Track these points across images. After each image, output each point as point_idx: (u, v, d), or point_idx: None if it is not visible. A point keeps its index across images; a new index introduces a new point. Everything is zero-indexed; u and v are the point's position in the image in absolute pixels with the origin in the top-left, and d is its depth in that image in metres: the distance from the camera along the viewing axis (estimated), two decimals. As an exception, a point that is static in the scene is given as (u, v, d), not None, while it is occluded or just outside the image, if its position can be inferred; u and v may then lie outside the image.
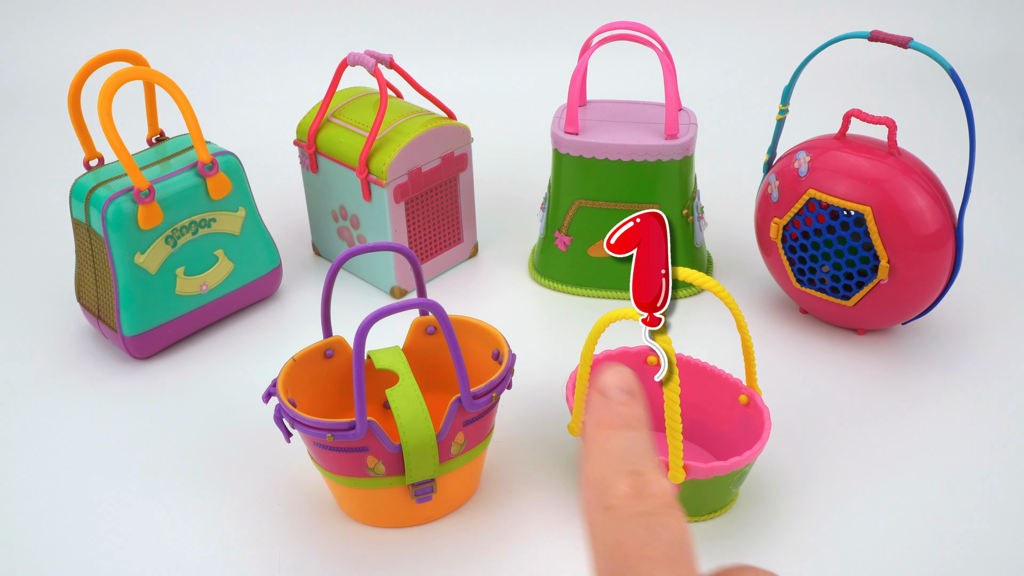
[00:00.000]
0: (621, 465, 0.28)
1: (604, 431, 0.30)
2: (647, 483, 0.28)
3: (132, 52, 0.82)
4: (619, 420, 0.30)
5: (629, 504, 0.27)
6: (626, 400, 0.30)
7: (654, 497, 0.27)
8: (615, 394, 0.30)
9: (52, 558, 0.65)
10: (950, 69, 0.74)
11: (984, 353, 0.82)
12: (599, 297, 0.92)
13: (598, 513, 0.28)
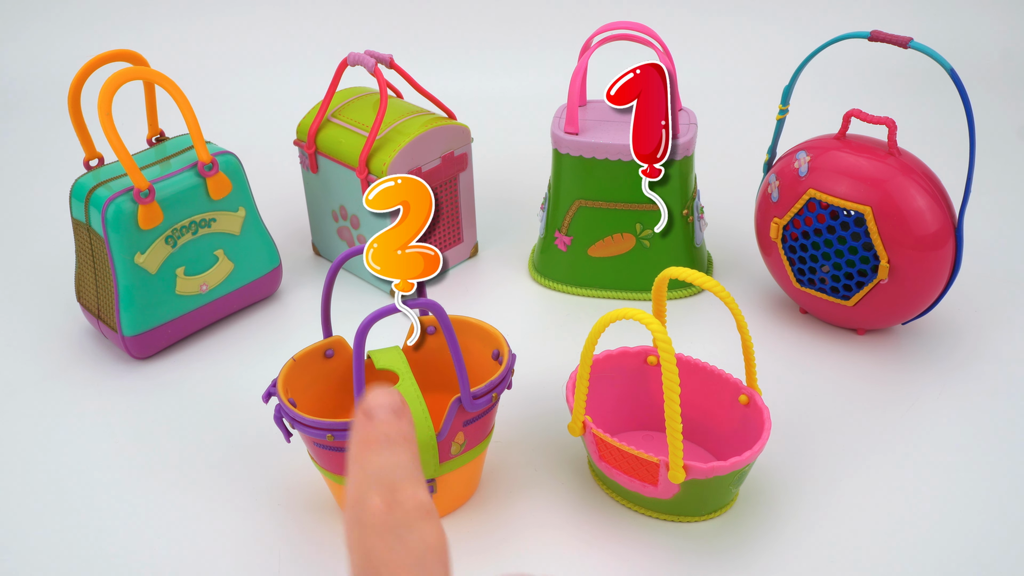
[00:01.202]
0: (379, 481, 0.29)
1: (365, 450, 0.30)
2: (400, 496, 0.29)
3: (132, 52, 0.82)
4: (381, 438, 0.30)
5: (380, 517, 0.28)
6: (389, 419, 0.31)
7: (405, 509, 0.28)
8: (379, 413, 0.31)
9: (52, 558, 0.65)
10: (950, 69, 0.74)
11: (984, 353, 0.82)
12: (599, 297, 0.92)
13: (354, 529, 0.28)
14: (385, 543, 0.27)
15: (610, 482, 0.68)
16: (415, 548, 0.28)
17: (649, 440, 0.73)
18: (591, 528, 0.67)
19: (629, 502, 0.68)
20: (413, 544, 0.28)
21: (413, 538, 0.28)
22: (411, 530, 0.28)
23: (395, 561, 0.27)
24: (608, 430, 0.71)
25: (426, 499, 0.29)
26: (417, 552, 0.27)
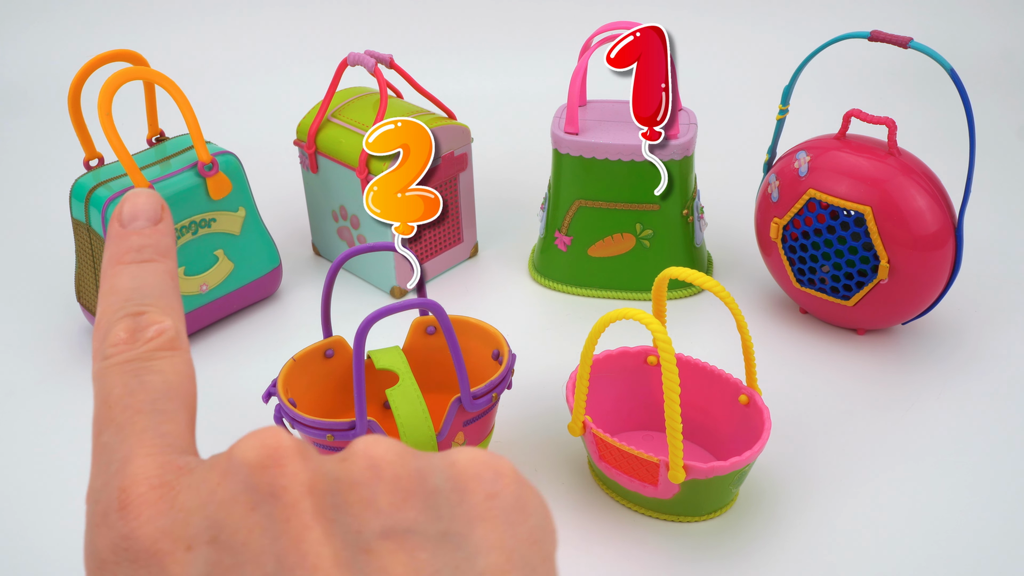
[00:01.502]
0: (123, 307, 0.26)
1: (114, 268, 0.27)
2: (145, 324, 0.26)
3: (132, 52, 0.82)
4: (132, 253, 0.27)
5: (125, 350, 0.25)
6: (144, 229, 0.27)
7: (148, 340, 0.25)
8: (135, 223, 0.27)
9: (52, 558, 0.65)
10: (950, 69, 0.74)
11: (984, 353, 0.82)
12: (599, 297, 0.92)
13: (97, 363, 0.26)
14: (122, 381, 0.25)
15: (610, 482, 0.68)
16: (153, 387, 0.25)
17: (649, 440, 0.73)
18: (591, 528, 0.67)
19: (629, 502, 0.68)
20: (151, 382, 0.25)
21: (151, 376, 0.25)
22: (150, 366, 0.25)
23: (130, 402, 0.24)
24: (608, 430, 0.71)
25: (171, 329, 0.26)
26: (155, 391, 0.25)
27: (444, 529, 0.23)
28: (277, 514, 0.22)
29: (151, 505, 0.23)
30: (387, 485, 0.23)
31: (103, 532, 0.23)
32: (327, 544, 0.22)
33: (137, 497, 0.23)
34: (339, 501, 0.23)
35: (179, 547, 0.22)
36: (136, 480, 0.23)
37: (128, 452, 0.24)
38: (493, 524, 0.23)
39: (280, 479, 0.22)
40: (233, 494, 0.22)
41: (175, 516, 0.22)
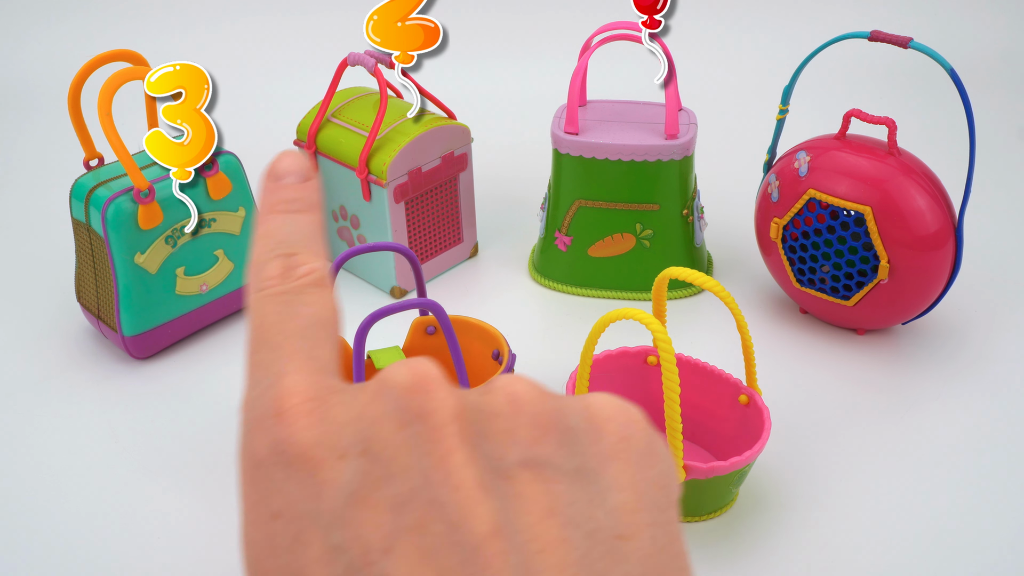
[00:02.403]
0: (277, 248, 0.29)
1: (269, 215, 0.30)
2: (297, 263, 0.28)
3: (132, 52, 0.82)
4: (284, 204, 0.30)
5: (276, 284, 0.28)
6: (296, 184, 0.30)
7: (299, 277, 0.28)
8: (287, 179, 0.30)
9: (52, 558, 0.65)
10: (950, 69, 0.74)
11: (984, 353, 0.82)
12: (599, 297, 0.92)
13: (252, 295, 0.28)
14: (276, 309, 0.27)
15: (610, 482, 0.68)
16: (304, 316, 0.27)
17: (649, 440, 0.73)
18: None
19: (629, 502, 0.68)
20: (303, 312, 0.27)
21: (303, 307, 0.27)
22: (302, 299, 0.27)
23: (284, 327, 0.27)
24: (608, 430, 0.71)
25: (321, 269, 0.28)
26: (306, 320, 0.27)
27: (578, 465, 0.24)
28: (424, 434, 0.23)
29: (306, 415, 0.24)
30: (527, 419, 0.24)
31: (260, 435, 0.24)
32: (470, 466, 0.23)
33: (292, 407, 0.24)
34: (481, 429, 0.24)
35: (331, 455, 0.23)
36: (291, 392, 0.25)
37: (281, 369, 0.25)
38: (625, 464, 0.24)
39: (429, 402, 0.24)
40: (383, 412, 0.24)
41: (328, 428, 0.24)
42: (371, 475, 0.23)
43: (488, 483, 0.23)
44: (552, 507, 0.23)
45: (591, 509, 0.23)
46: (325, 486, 0.23)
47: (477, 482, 0.23)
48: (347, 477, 0.23)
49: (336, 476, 0.23)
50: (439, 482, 0.23)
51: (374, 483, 0.23)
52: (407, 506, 0.23)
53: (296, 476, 0.24)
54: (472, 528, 0.22)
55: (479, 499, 0.22)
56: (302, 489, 0.23)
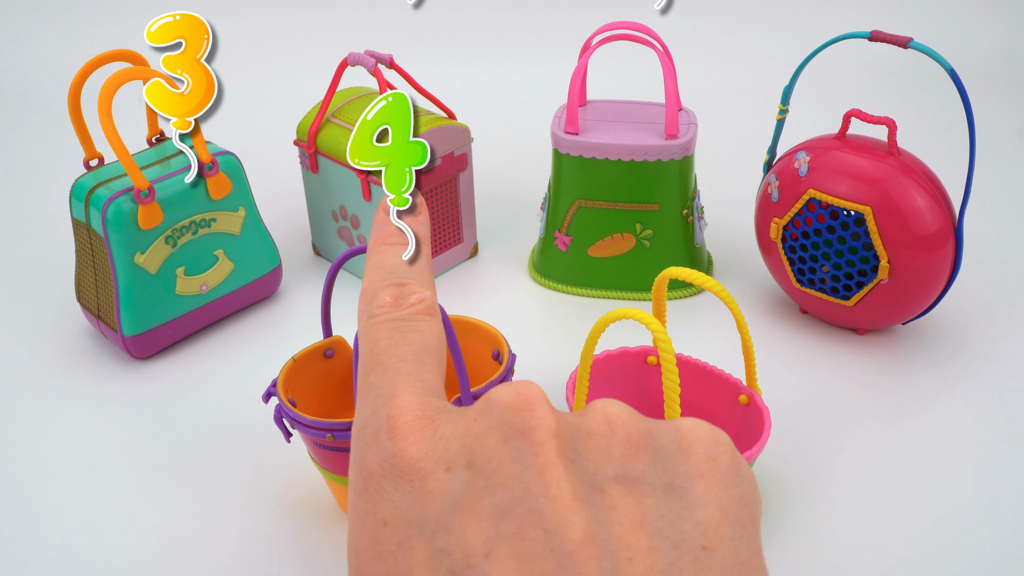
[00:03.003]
0: (389, 278, 0.31)
1: (380, 247, 0.32)
2: (407, 292, 0.30)
3: (132, 52, 0.82)
4: (395, 236, 0.32)
5: (388, 311, 0.30)
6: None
7: (410, 306, 0.30)
8: None
9: (52, 558, 0.65)
10: (950, 69, 0.74)
11: (984, 353, 0.82)
12: (599, 297, 0.92)
13: (364, 320, 0.30)
14: (387, 335, 0.29)
15: (610, 482, 0.68)
16: (414, 342, 0.29)
17: (649, 440, 0.73)
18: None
19: (629, 502, 0.68)
20: (413, 339, 0.29)
21: (413, 334, 0.29)
22: (412, 326, 0.30)
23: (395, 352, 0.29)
24: (608, 430, 0.71)
25: (430, 300, 0.31)
26: (415, 346, 0.29)
27: (668, 482, 0.26)
28: (525, 449, 0.25)
29: (416, 431, 0.26)
30: (620, 439, 0.26)
31: (373, 450, 0.26)
32: (567, 479, 0.25)
33: (404, 424, 0.26)
34: (578, 447, 0.26)
35: (439, 467, 0.25)
36: (402, 410, 0.27)
37: (393, 390, 0.28)
38: (711, 482, 0.26)
39: (530, 420, 0.26)
40: (488, 428, 0.26)
41: (436, 443, 0.26)
42: (475, 485, 0.25)
43: (583, 495, 0.24)
44: (642, 519, 0.24)
45: (679, 522, 0.25)
46: (431, 495, 0.25)
47: (573, 494, 0.24)
48: (452, 487, 0.25)
49: (442, 486, 0.25)
50: (538, 493, 0.24)
51: (477, 493, 0.25)
52: (507, 514, 0.24)
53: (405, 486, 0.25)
54: (567, 535, 0.23)
55: (574, 509, 0.24)
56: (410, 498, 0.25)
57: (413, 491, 0.25)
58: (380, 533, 0.25)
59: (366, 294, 0.31)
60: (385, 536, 0.25)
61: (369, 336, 0.30)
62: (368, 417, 0.27)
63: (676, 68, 0.85)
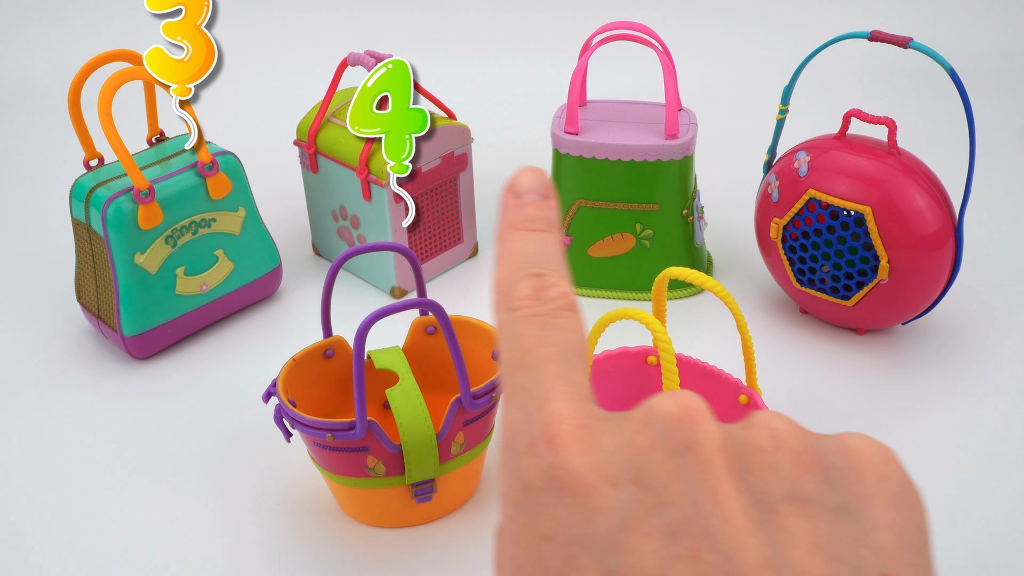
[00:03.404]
0: (526, 268, 0.29)
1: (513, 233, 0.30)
2: (548, 285, 0.28)
3: (132, 52, 0.82)
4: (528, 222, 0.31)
5: (529, 305, 0.28)
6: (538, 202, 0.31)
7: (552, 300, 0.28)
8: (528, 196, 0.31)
9: (52, 558, 0.65)
10: (950, 69, 0.74)
11: (984, 353, 0.82)
12: (599, 297, 0.92)
13: (503, 314, 0.28)
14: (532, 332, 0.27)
15: (610, 482, 0.68)
16: (560, 342, 0.27)
17: (649, 440, 0.73)
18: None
19: (629, 502, 0.67)
20: (559, 337, 0.27)
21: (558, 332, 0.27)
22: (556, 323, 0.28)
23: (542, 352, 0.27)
24: (608, 430, 0.71)
25: (571, 293, 0.29)
26: (562, 346, 0.27)
27: (840, 503, 0.25)
28: (693, 465, 0.24)
29: (576, 443, 0.25)
30: (788, 455, 0.25)
31: (531, 460, 0.25)
32: (738, 498, 0.23)
33: (563, 434, 0.25)
34: (746, 463, 0.25)
35: (604, 482, 0.24)
36: (560, 419, 0.25)
37: (545, 395, 0.26)
38: (885, 504, 0.25)
39: (697, 435, 0.24)
40: (652, 442, 0.24)
41: (598, 455, 0.25)
42: (643, 503, 0.24)
43: (756, 516, 0.23)
44: (817, 542, 0.23)
45: (854, 546, 0.24)
46: (598, 512, 0.24)
47: (746, 514, 0.23)
48: (620, 504, 0.24)
49: (609, 503, 0.24)
50: (709, 512, 0.23)
51: (646, 511, 0.23)
52: (679, 535, 0.23)
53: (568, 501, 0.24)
54: (744, 560, 0.22)
55: (749, 531, 0.23)
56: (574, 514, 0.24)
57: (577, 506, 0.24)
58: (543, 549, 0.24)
59: (502, 284, 0.29)
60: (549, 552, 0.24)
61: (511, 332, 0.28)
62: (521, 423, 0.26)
63: (676, 68, 0.85)
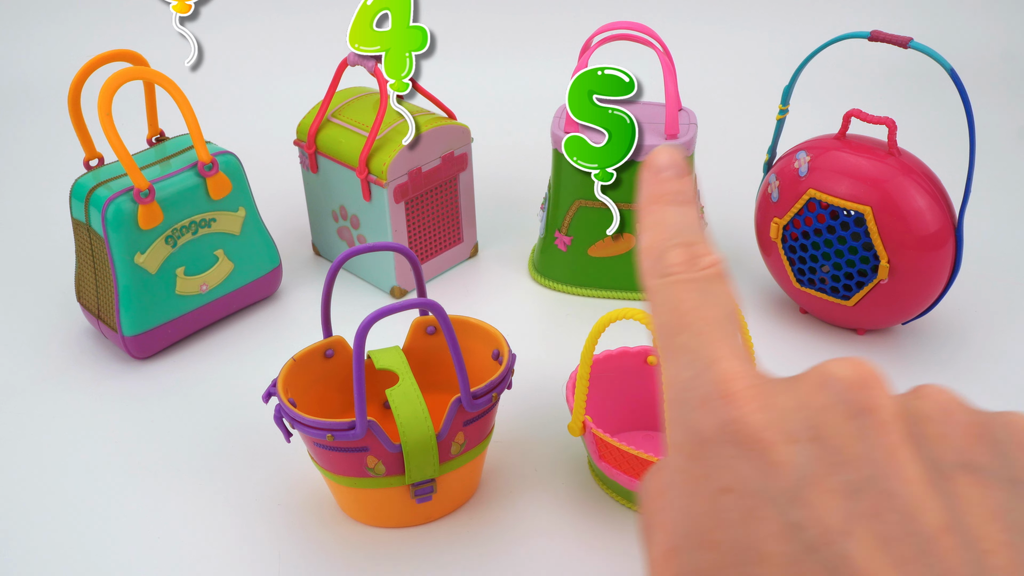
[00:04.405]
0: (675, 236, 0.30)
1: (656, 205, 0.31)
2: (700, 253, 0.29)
3: (132, 52, 0.83)
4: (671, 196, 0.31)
5: (684, 271, 0.29)
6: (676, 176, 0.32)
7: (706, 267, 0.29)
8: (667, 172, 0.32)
9: (52, 558, 0.65)
10: (950, 69, 0.74)
11: (984, 353, 0.82)
12: (599, 297, 0.92)
13: (656, 279, 0.29)
14: (690, 296, 0.28)
15: (610, 482, 0.68)
16: (719, 306, 0.28)
17: (649, 440, 0.73)
18: (591, 528, 0.67)
19: (629, 502, 0.68)
20: (717, 301, 0.28)
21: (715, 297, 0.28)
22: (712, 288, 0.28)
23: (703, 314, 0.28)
24: (608, 430, 0.71)
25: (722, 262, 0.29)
26: (722, 310, 0.28)
27: (1012, 476, 0.25)
28: (871, 428, 0.25)
29: (752, 399, 0.25)
30: (959, 427, 0.26)
31: (706, 414, 0.26)
32: (916, 462, 0.24)
33: (739, 391, 0.26)
34: (919, 430, 0.25)
35: (782, 438, 0.25)
36: (733, 376, 0.26)
37: (712, 354, 0.27)
38: None
39: (874, 399, 0.25)
40: (829, 403, 0.25)
41: (775, 412, 0.25)
42: (823, 460, 0.24)
43: (933, 480, 0.24)
44: (995, 511, 0.24)
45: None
46: (778, 467, 0.24)
47: (924, 478, 0.24)
48: (799, 460, 0.24)
49: (789, 458, 0.24)
50: (890, 474, 0.24)
51: (827, 468, 0.24)
52: (861, 493, 0.24)
53: (747, 455, 0.25)
54: (925, 520, 0.23)
55: (928, 494, 0.24)
56: (754, 468, 0.25)
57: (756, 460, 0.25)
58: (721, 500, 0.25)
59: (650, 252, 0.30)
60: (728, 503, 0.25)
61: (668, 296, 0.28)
62: (690, 379, 0.27)
63: (676, 68, 0.85)
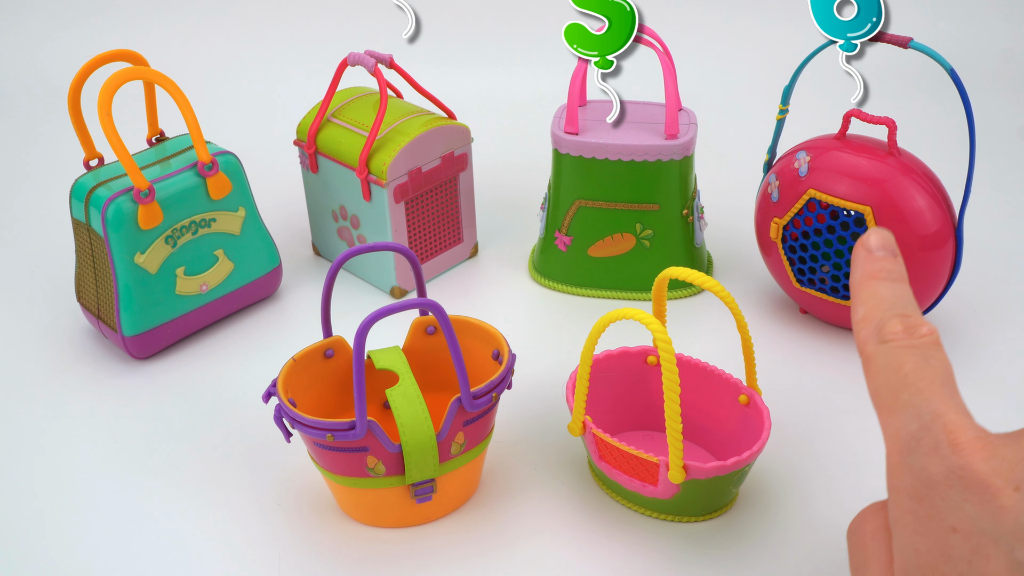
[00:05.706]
0: (891, 308, 0.33)
1: (872, 281, 0.35)
2: (916, 324, 0.33)
3: (132, 52, 0.83)
4: (885, 273, 0.35)
5: (904, 338, 0.32)
6: (889, 256, 0.35)
7: (924, 335, 0.33)
8: (880, 252, 0.35)
9: (51, 558, 0.65)
10: (950, 69, 0.74)
11: (984, 353, 0.82)
12: (599, 297, 0.92)
13: (875, 346, 0.33)
14: (912, 360, 0.32)
15: (610, 482, 0.68)
16: (940, 368, 0.32)
17: (649, 440, 0.73)
18: (591, 528, 0.67)
19: (629, 502, 0.68)
20: (937, 365, 0.32)
21: (936, 362, 0.32)
22: (931, 354, 0.32)
23: (924, 376, 0.31)
24: (608, 430, 0.71)
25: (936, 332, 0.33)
26: (940, 374, 0.31)
27: None
28: None
29: (979, 449, 0.28)
30: None
31: (934, 461, 0.29)
32: None
33: (966, 441, 0.29)
34: None
35: (1008, 485, 0.28)
36: (960, 428, 0.29)
37: (937, 408, 0.30)
38: None
39: None
40: None
41: (1001, 462, 0.28)
42: None
43: None
44: None
45: None
46: (1003, 511, 0.27)
47: None
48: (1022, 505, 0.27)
49: (1014, 504, 0.27)
50: None
51: None
52: None
53: (973, 498, 0.28)
54: None
55: None
56: (981, 510, 0.28)
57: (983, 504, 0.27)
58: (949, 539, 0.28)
59: (867, 322, 0.34)
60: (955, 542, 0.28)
61: (889, 360, 0.32)
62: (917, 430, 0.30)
63: (676, 68, 0.85)
